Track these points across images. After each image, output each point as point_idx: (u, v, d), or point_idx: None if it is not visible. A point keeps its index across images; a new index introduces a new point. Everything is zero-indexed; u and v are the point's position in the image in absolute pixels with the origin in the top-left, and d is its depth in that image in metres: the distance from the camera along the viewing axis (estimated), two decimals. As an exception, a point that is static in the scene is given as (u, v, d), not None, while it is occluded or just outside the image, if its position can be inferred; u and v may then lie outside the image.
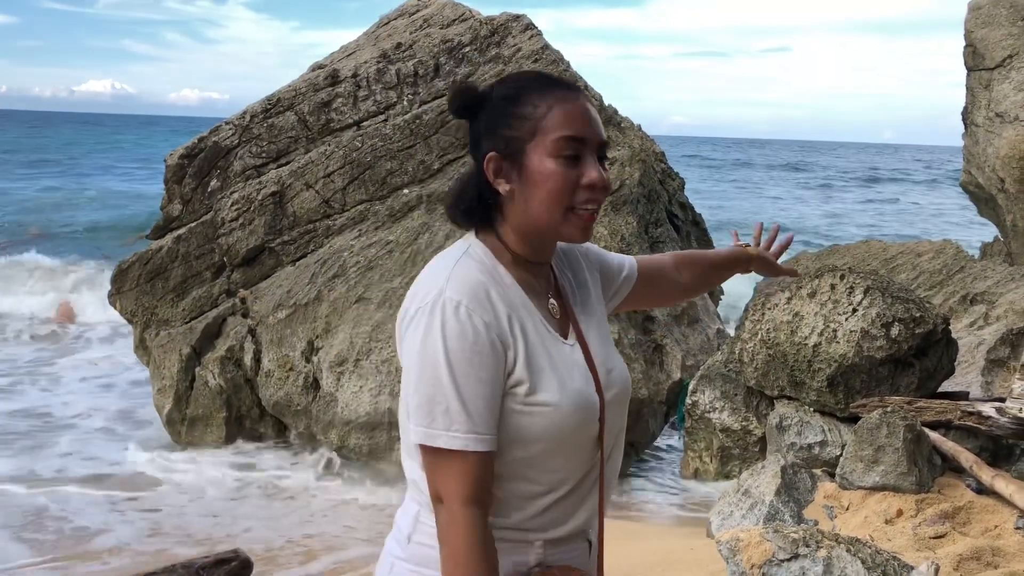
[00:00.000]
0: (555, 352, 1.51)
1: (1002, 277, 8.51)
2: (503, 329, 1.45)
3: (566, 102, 1.49)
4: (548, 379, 1.47)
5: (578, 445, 1.51)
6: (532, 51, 9.03)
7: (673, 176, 10.60)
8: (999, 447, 5.25)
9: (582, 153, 1.48)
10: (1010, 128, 13.15)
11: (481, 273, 1.49)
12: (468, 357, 1.40)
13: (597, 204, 1.50)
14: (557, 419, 1.46)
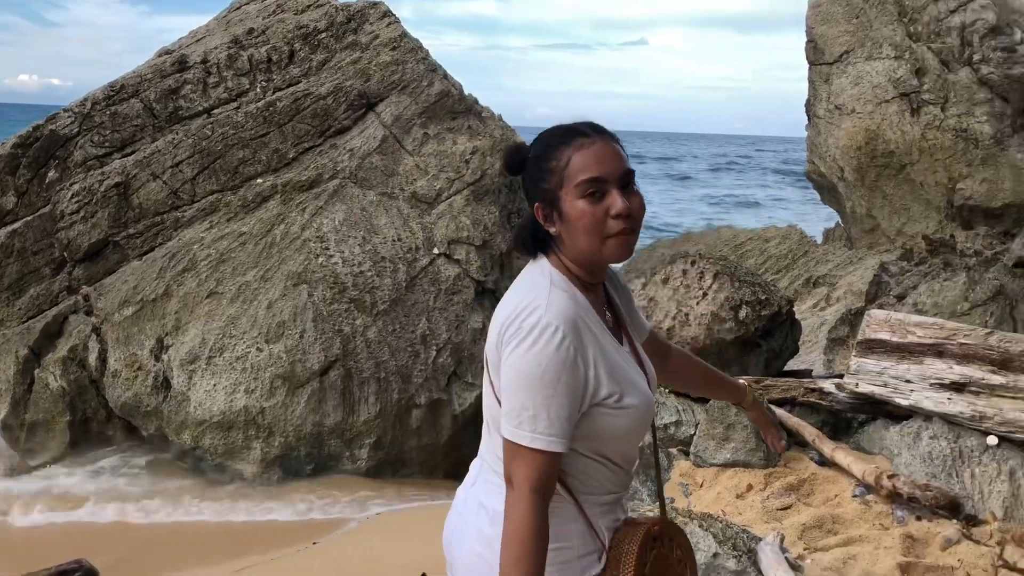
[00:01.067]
0: (623, 361, 1.83)
1: (842, 261, 8.99)
2: (587, 353, 1.75)
3: (582, 149, 1.76)
4: (629, 386, 1.80)
5: (645, 428, 1.87)
6: (390, 39, 8.91)
7: (533, 166, 10.69)
8: (839, 421, 5.53)
9: (604, 189, 1.74)
10: (848, 120, 13.92)
11: (571, 302, 1.78)
12: (558, 376, 1.70)
13: (628, 225, 1.75)
14: (638, 416, 1.80)
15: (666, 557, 1.85)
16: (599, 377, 1.74)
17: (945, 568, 3.69)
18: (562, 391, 1.69)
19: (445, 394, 7.66)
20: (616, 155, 1.77)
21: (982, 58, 13.62)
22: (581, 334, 1.74)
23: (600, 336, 1.79)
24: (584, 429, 1.75)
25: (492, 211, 8.32)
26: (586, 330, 1.76)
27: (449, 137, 8.52)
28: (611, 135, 1.81)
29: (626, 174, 1.76)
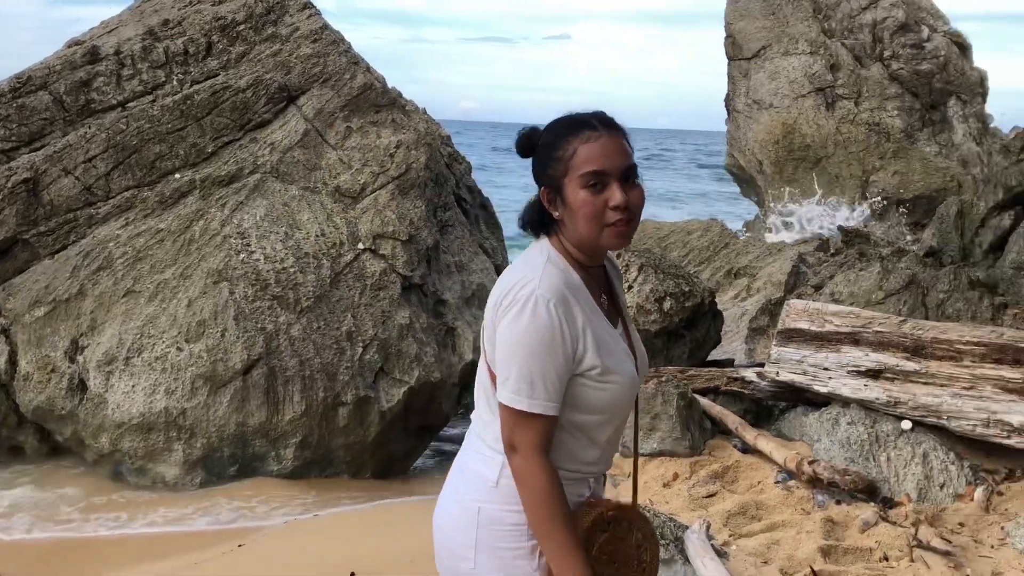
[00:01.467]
0: (612, 339, 1.96)
1: (761, 252, 9.19)
2: (577, 326, 1.87)
3: (588, 142, 1.88)
4: (614, 362, 1.92)
5: (625, 410, 2.00)
6: (311, 31, 8.76)
7: (460, 159, 10.65)
8: (761, 409, 5.65)
9: (605, 181, 1.86)
10: (765, 114, 14.22)
11: (563, 277, 1.91)
12: (551, 344, 1.84)
13: (626, 216, 1.88)
14: (618, 393, 1.93)
15: (622, 540, 1.93)
16: (586, 349, 1.88)
17: (863, 550, 3.80)
18: (555, 358, 1.85)
19: (372, 391, 7.58)
20: (620, 149, 1.89)
21: (892, 54, 14.06)
22: (571, 307, 1.88)
23: (591, 314, 1.93)
24: (565, 398, 1.89)
25: (418, 205, 8.26)
26: (576, 305, 1.89)
27: (373, 131, 8.43)
28: (618, 129, 1.92)
29: (628, 169, 1.89)
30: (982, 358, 4.45)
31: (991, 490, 4.20)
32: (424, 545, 5.23)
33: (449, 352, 8.34)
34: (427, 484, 7.98)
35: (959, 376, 4.44)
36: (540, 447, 1.86)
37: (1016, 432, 4.21)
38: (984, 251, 7.04)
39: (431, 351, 7.98)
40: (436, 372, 7.91)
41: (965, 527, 3.98)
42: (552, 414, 1.86)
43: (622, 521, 1.94)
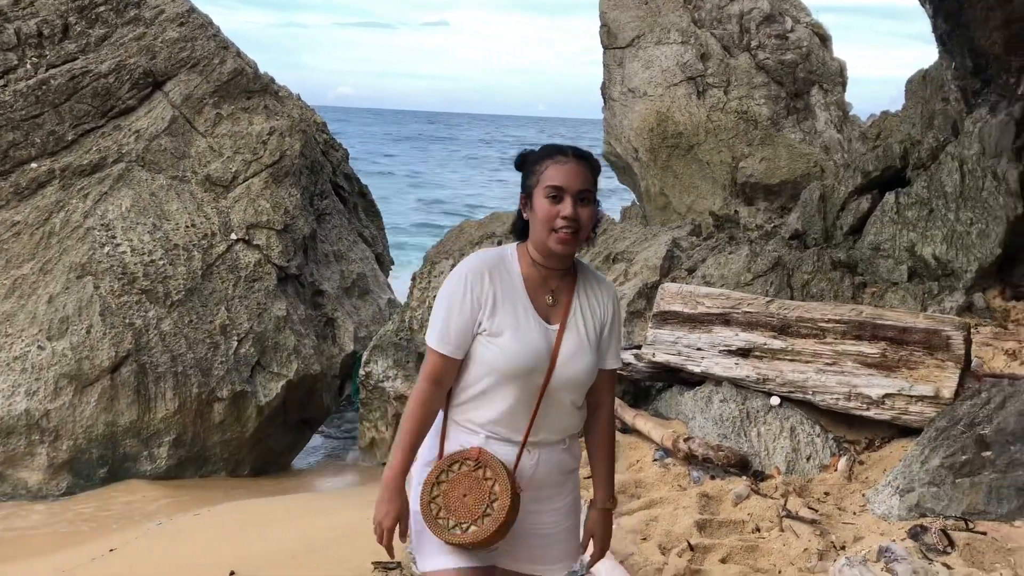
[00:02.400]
0: (524, 320, 2.31)
1: (638, 237, 9.38)
2: (484, 292, 2.30)
3: (558, 164, 2.31)
4: (505, 331, 2.29)
5: (520, 387, 2.30)
6: (177, 14, 8.42)
7: (336, 147, 10.47)
8: (639, 389, 5.77)
9: (562, 196, 2.28)
10: (640, 102, 14.52)
11: (492, 259, 2.35)
12: (456, 299, 2.30)
13: (571, 228, 2.27)
14: (502, 358, 2.28)
15: (469, 475, 2.26)
16: (484, 314, 2.29)
17: (737, 522, 3.93)
18: (455, 312, 2.28)
19: (249, 386, 7.38)
20: (581, 175, 2.31)
21: (759, 44, 14.57)
22: (484, 281, 2.30)
23: (513, 296, 2.32)
24: (472, 351, 2.30)
25: (293, 194, 8.08)
26: (492, 282, 2.31)
27: (244, 117, 8.18)
28: (589, 162, 2.35)
29: (583, 191, 2.30)
30: (843, 335, 4.67)
31: (853, 460, 4.42)
32: (306, 539, 5.14)
33: (329, 343, 8.21)
34: (309, 478, 7.85)
35: (822, 353, 4.65)
36: (429, 377, 2.31)
37: (875, 404, 4.43)
38: (845, 233, 7.38)
39: (310, 343, 7.84)
40: (316, 364, 7.77)
41: (830, 496, 4.18)
42: (445, 352, 2.29)
43: (466, 462, 2.27)
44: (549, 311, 2.36)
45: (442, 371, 2.31)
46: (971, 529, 3.31)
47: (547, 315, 2.35)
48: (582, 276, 2.44)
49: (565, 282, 2.39)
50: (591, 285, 2.44)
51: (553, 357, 2.33)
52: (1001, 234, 6.44)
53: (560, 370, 2.33)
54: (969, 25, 7.03)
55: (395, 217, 23.79)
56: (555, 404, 2.35)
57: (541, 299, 2.36)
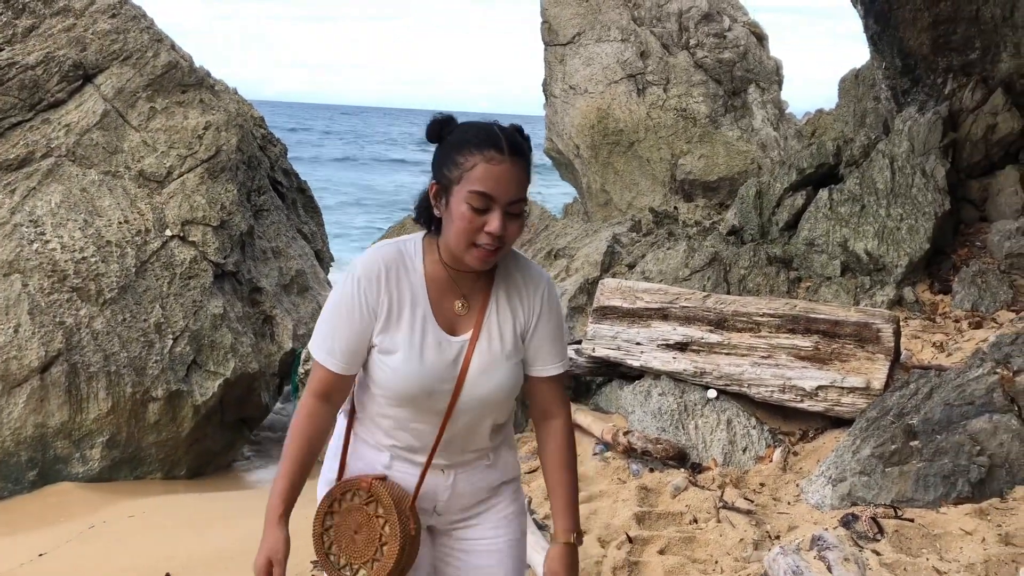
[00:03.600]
0: (420, 335, 1.96)
1: (579, 234, 9.44)
2: (379, 300, 1.95)
3: (490, 163, 1.85)
4: (398, 348, 1.95)
5: (420, 410, 1.99)
6: (108, 6, 8.21)
7: (274, 142, 10.33)
8: (580, 384, 5.80)
9: (489, 206, 1.86)
10: (581, 99, 14.61)
11: (390, 258, 1.97)
12: (345, 309, 1.95)
13: (495, 244, 1.88)
14: (394, 379, 1.95)
15: (358, 511, 1.99)
16: (382, 327, 1.95)
17: (675, 514, 3.98)
18: (347, 324, 1.95)
19: (185, 385, 7.24)
20: (516, 180, 1.88)
21: (697, 43, 14.76)
22: (382, 286, 1.95)
23: (412, 303, 1.97)
24: (367, 364, 2.00)
25: (230, 189, 7.94)
26: (389, 287, 1.95)
27: (179, 111, 8.02)
28: (524, 157, 1.90)
29: (515, 202, 1.88)
30: (777, 328, 4.75)
31: (788, 451, 4.50)
32: (244, 540, 5.06)
33: (267, 341, 8.10)
34: (246, 478, 7.74)
35: (757, 346, 4.73)
36: (316, 392, 1.99)
37: (808, 396, 4.52)
38: (780, 229, 7.52)
39: (248, 341, 7.72)
40: (253, 363, 7.66)
41: (765, 487, 4.25)
42: (329, 367, 1.97)
43: (359, 493, 1.99)
44: (457, 320, 1.99)
45: (330, 387, 1.98)
46: (900, 516, 3.39)
47: (453, 325, 1.98)
48: (502, 273, 2.04)
49: (480, 283, 2.01)
50: (514, 282, 2.04)
51: (460, 376, 1.97)
52: (930, 229, 6.62)
53: (469, 390, 1.98)
54: (898, 26, 7.21)
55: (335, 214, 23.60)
56: (467, 425, 2.03)
57: (448, 306, 1.98)
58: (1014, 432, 3.49)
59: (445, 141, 1.93)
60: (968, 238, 6.91)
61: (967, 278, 6.25)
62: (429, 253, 1.99)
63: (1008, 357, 3.70)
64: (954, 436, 3.56)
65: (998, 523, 3.23)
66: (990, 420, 3.54)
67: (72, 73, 7.80)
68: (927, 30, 7.04)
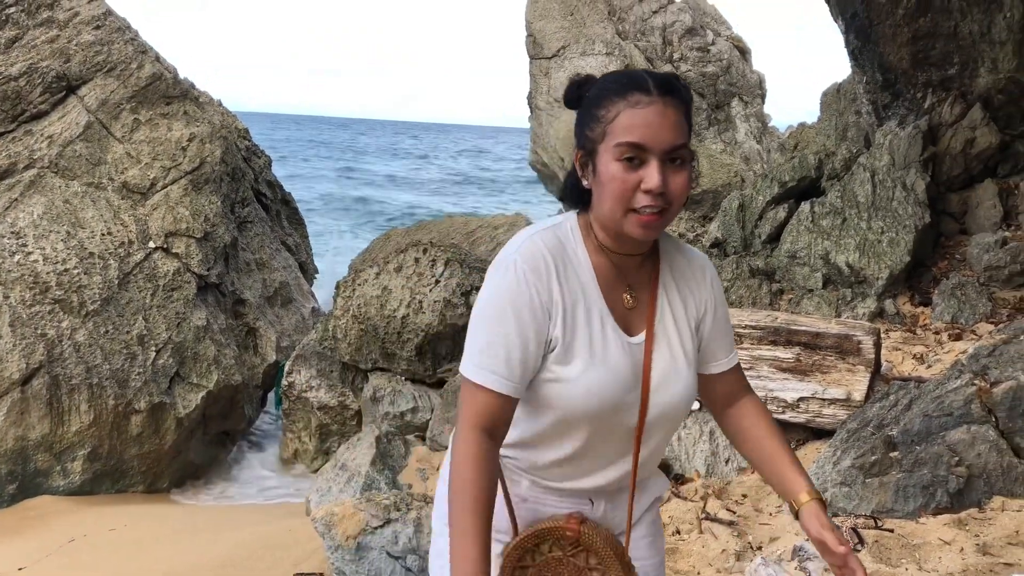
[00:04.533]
0: (599, 337, 1.60)
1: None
2: (552, 299, 1.57)
3: (636, 107, 1.52)
4: (579, 355, 1.58)
5: (605, 427, 1.61)
6: (92, 17, 8.20)
7: (259, 154, 10.32)
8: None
9: (644, 158, 1.51)
10: (566, 112, 14.66)
11: (552, 248, 1.60)
12: (510, 309, 1.54)
13: (657, 207, 1.53)
14: (575, 393, 1.57)
15: (559, 562, 1.63)
16: (560, 328, 1.57)
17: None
18: (516, 327, 1.54)
19: (168, 397, 7.21)
20: (671, 124, 1.52)
21: (681, 56, 14.86)
22: (549, 279, 1.57)
23: (581, 298, 1.59)
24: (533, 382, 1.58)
25: (213, 201, 7.93)
26: (559, 280, 1.58)
27: (163, 123, 8.01)
28: (679, 96, 1.55)
29: (675, 148, 1.52)
30: (759, 340, 4.79)
31: (770, 462, 4.55)
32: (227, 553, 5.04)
33: (250, 353, 8.07)
34: (229, 491, 7.70)
35: (740, 357, 4.78)
36: (477, 424, 1.54)
37: (790, 407, 4.56)
38: (763, 241, 7.57)
39: (231, 353, 7.70)
40: (236, 375, 7.63)
41: (747, 498, 4.28)
42: (498, 389, 1.53)
43: (560, 542, 1.62)
44: (629, 317, 1.64)
45: (498, 416, 1.55)
46: (880, 527, 3.42)
47: (627, 323, 1.63)
48: (666, 258, 1.70)
49: (645, 270, 1.67)
50: (679, 267, 1.71)
51: (644, 384, 1.62)
52: (910, 242, 6.69)
53: (656, 401, 1.63)
54: (879, 42, 7.29)
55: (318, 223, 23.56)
56: (658, 444, 1.70)
57: (618, 300, 1.63)
58: (991, 443, 3.52)
59: (583, 103, 1.62)
60: (948, 251, 6.98)
61: (947, 290, 6.31)
62: (588, 238, 1.63)
63: (985, 369, 3.74)
64: (933, 447, 3.60)
65: (976, 533, 3.26)
66: (968, 431, 3.58)
67: (55, 84, 7.78)
68: (907, 45, 7.12)
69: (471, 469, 1.51)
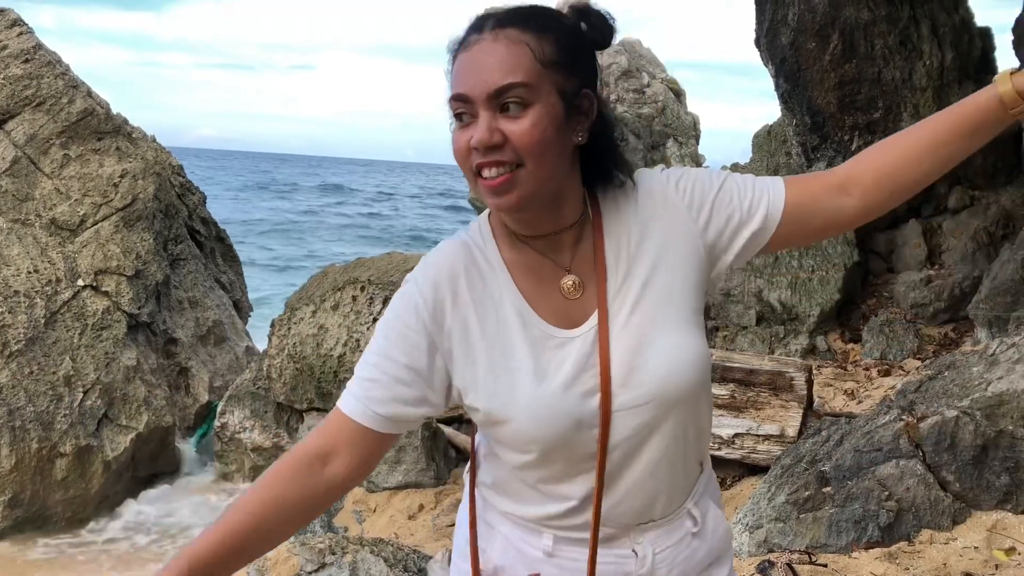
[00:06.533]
0: (526, 346, 1.27)
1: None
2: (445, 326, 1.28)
3: (466, 50, 1.23)
4: (495, 383, 1.27)
5: (567, 450, 1.27)
6: (22, 50, 8.05)
7: (193, 190, 10.17)
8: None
9: (473, 111, 1.21)
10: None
11: (456, 257, 1.31)
12: (387, 332, 1.30)
13: (494, 166, 1.20)
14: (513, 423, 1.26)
15: None
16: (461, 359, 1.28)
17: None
18: (383, 349, 1.29)
19: (95, 439, 6.99)
20: (496, 62, 1.20)
21: (618, 98, 15.14)
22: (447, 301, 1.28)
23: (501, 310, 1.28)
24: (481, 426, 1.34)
25: (145, 238, 7.77)
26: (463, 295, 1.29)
27: (95, 159, 7.86)
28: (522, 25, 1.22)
29: (500, 90, 1.19)
30: (696, 377, 4.87)
31: (707, 499, 4.59)
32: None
33: (182, 394, 7.89)
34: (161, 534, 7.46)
35: (677, 395, 4.83)
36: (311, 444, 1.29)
37: (726, 444, 4.61)
38: (698, 279, 7.71)
39: (162, 394, 7.51)
40: (167, 416, 7.44)
41: None
42: (345, 409, 1.29)
43: None
44: (573, 307, 1.30)
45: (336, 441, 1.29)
46: (813, 562, 3.45)
47: (569, 314, 1.29)
48: (610, 211, 1.33)
49: (583, 242, 1.32)
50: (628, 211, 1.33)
51: (603, 374, 1.25)
52: (839, 281, 6.86)
53: (624, 389, 1.26)
54: (807, 85, 7.52)
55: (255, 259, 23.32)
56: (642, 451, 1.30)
57: (550, 292, 1.30)
58: (919, 477, 3.60)
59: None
60: (876, 288, 7.17)
61: (875, 327, 6.47)
62: (500, 233, 1.33)
63: (913, 404, 3.83)
64: (864, 482, 3.66)
65: (906, 566, 3.32)
66: (897, 466, 3.65)
67: (-19, 118, 7.60)
68: (833, 90, 7.36)
69: (268, 475, 1.28)
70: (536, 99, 1.20)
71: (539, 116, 1.20)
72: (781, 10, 7.50)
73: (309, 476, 1.28)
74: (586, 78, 1.26)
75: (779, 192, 1.34)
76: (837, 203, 1.34)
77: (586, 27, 1.28)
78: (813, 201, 1.34)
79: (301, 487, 1.27)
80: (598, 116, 1.28)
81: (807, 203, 1.34)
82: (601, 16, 1.28)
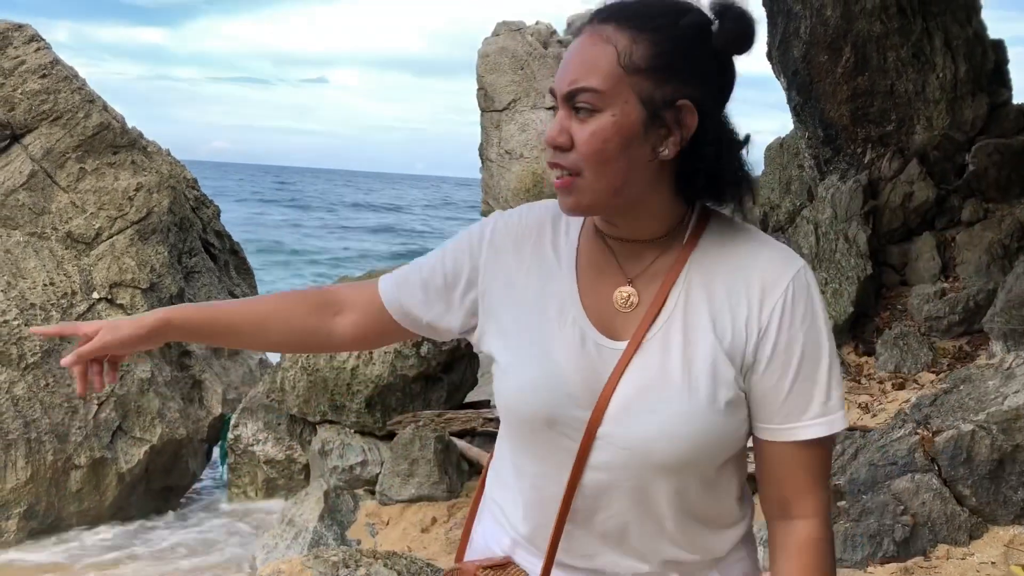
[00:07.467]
0: (557, 322, 1.21)
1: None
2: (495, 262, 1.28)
3: (574, 40, 1.18)
4: (510, 339, 1.24)
5: (541, 443, 1.22)
6: (39, 66, 8.12)
7: (207, 203, 10.23)
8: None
9: (557, 105, 1.17)
10: (517, 164, 14.84)
11: (544, 219, 1.30)
12: (457, 242, 1.32)
13: (560, 168, 1.16)
14: (504, 386, 1.24)
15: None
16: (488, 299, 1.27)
17: None
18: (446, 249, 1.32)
19: (109, 452, 7.02)
20: (579, 60, 1.14)
21: (629, 111, 15.18)
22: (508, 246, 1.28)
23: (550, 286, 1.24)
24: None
25: (160, 251, 7.82)
26: (526, 253, 1.27)
27: (110, 173, 7.92)
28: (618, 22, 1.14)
29: (571, 93, 1.14)
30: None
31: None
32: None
33: (196, 406, 7.92)
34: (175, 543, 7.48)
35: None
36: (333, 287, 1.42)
37: (740, 457, 4.63)
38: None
39: (175, 406, 7.54)
40: (181, 428, 7.47)
41: None
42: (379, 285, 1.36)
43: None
44: (618, 319, 1.21)
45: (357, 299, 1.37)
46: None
47: (611, 324, 1.21)
48: (710, 246, 1.21)
49: (662, 262, 1.21)
50: (729, 264, 1.20)
51: (601, 400, 1.17)
52: (853, 293, 6.83)
53: (615, 425, 1.17)
54: (819, 98, 7.52)
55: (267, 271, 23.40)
56: (625, 495, 1.20)
57: (605, 293, 1.22)
58: (935, 491, 3.58)
59: None
60: (890, 301, 7.14)
61: (889, 340, 6.44)
62: (589, 222, 1.29)
63: (928, 418, 3.82)
64: (879, 496, 3.64)
65: (923, 582, 3.30)
66: (912, 480, 3.63)
67: (0, 133, 7.67)
68: (846, 102, 7.36)
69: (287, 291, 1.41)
70: (607, 106, 1.12)
71: (603, 125, 1.13)
72: (793, 23, 7.52)
73: (318, 314, 1.36)
74: (690, 87, 1.13)
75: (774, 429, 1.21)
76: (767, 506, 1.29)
77: (717, 29, 1.14)
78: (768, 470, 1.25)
79: (306, 316, 1.36)
80: (701, 130, 1.14)
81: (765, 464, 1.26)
82: (739, 17, 1.14)
